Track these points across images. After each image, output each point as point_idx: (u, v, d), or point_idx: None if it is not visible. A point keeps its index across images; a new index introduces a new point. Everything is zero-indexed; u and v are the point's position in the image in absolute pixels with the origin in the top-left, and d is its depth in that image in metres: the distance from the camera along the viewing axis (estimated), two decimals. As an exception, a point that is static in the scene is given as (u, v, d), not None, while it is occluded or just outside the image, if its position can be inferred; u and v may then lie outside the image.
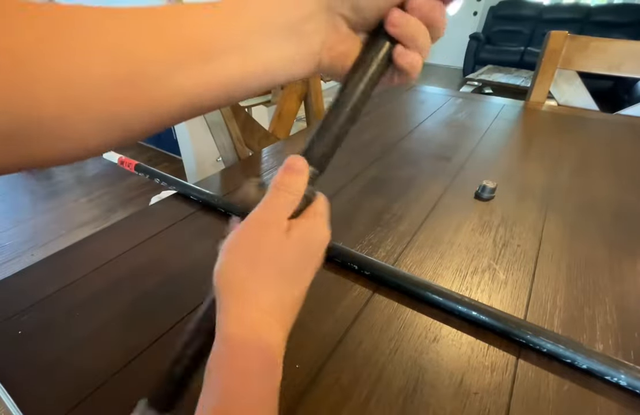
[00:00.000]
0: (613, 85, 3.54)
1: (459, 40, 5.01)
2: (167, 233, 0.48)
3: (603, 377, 0.30)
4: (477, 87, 3.26)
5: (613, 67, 0.97)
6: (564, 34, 0.98)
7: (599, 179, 0.63)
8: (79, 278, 0.40)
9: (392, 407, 0.28)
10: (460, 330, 0.35)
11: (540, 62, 1.02)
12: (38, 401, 0.28)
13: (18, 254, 1.59)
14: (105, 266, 0.42)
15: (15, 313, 0.36)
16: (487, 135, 0.81)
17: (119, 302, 0.37)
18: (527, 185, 0.61)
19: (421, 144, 0.77)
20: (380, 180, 0.62)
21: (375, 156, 0.70)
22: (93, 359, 0.32)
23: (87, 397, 0.28)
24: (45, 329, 0.34)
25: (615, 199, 0.57)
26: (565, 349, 0.31)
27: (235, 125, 0.78)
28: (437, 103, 1.03)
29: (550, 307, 0.37)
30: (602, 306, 0.37)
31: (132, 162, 0.70)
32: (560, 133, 0.84)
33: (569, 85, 1.04)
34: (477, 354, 0.32)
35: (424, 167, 0.67)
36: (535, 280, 0.41)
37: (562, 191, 0.59)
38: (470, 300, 0.36)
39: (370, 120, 0.89)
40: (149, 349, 0.32)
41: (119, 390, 0.29)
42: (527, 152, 0.74)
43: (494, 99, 1.09)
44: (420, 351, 0.33)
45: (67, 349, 0.32)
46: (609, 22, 3.91)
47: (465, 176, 0.63)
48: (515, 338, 0.33)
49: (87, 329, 0.34)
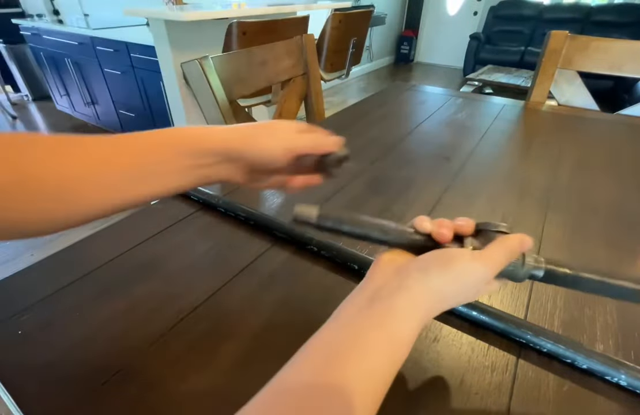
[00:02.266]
0: (613, 85, 3.54)
1: (459, 40, 5.01)
2: (167, 233, 0.48)
3: (603, 377, 0.30)
4: (478, 87, 3.26)
5: (614, 67, 0.97)
6: (565, 34, 0.98)
7: (599, 179, 0.63)
8: (79, 278, 0.40)
9: (392, 408, 0.28)
10: (461, 330, 0.35)
11: (540, 62, 1.02)
12: (38, 401, 0.28)
13: (18, 254, 1.59)
14: (105, 266, 0.42)
15: (15, 313, 0.36)
16: (487, 135, 0.81)
17: (119, 302, 0.37)
18: (527, 185, 0.60)
19: (421, 144, 0.77)
20: (380, 180, 0.62)
21: (375, 156, 0.70)
22: (93, 359, 0.32)
23: (87, 397, 0.28)
24: (45, 329, 0.34)
25: (616, 199, 0.57)
26: (566, 349, 0.31)
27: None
28: (437, 103, 1.03)
29: (551, 307, 0.37)
30: (602, 306, 0.37)
31: (132, 162, 0.70)
32: (561, 133, 0.84)
33: (570, 85, 1.04)
34: (477, 354, 0.32)
35: (424, 167, 0.67)
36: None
37: (562, 191, 0.59)
38: (470, 300, 0.36)
39: (371, 120, 0.89)
40: (149, 349, 0.32)
41: (119, 390, 0.29)
42: (527, 152, 0.74)
43: (494, 99, 1.09)
44: (420, 351, 0.33)
45: (67, 349, 0.32)
46: (609, 22, 3.90)
47: (465, 176, 0.63)
48: (515, 338, 0.33)
49: (87, 329, 0.34)
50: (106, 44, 2.25)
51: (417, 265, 0.24)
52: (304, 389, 0.19)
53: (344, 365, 0.19)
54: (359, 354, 0.20)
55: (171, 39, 1.74)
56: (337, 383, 0.19)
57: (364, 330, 0.21)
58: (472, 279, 0.24)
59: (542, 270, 0.26)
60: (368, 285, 0.24)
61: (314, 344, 0.21)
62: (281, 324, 0.35)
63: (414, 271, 0.24)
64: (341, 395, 0.18)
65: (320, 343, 0.21)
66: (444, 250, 0.25)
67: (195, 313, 0.36)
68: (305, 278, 0.41)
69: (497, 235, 0.26)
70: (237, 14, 1.71)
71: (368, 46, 4.76)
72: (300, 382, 0.19)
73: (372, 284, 0.24)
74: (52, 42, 2.72)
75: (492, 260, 0.25)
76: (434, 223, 0.27)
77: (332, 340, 0.21)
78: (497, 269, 0.25)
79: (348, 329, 0.21)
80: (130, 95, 2.37)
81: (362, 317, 0.22)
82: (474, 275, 0.24)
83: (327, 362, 0.20)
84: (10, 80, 3.62)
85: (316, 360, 0.20)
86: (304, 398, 0.18)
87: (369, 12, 2.16)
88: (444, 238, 0.26)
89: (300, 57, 0.98)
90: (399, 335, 0.21)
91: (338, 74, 2.21)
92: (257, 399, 0.18)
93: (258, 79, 0.86)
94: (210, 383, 0.30)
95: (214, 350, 0.32)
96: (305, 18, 1.84)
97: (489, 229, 0.27)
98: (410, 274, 0.24)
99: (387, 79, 4.69)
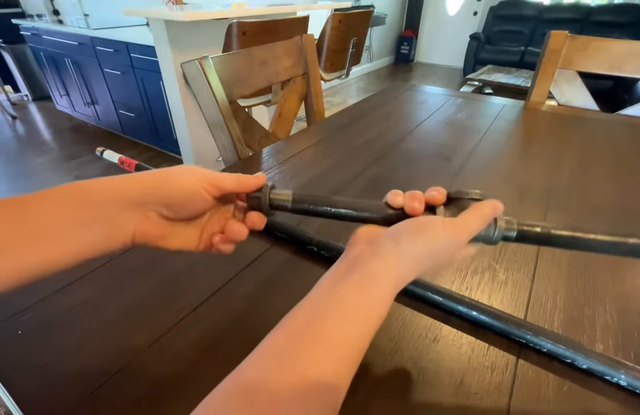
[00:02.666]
0: (613, 85, 3.53)
1: (459, 40, 5.01)
2: (167, 233, 0.48)
3: (603, 377, 0.30)
4: (477, 87, 3.26)
5: (613, 67, 0.97)
6: (565, 34, 0.98)
7: (599, 179, 0.63)
8: (79, 278, 0.40)
9: (392, 408, 0.28)
10: (460, 330, 0.35)
11: (540, 62, 1.02)
12: (38, 401, 0.28)
13: (18, 254, 1.59)
14: (105, 266, 0.42)
15: (15, 313, 0.36)
16: (487, 135, 0.81)
17: (119, 302, 0.37)
18: (527, 185, 0.61)
19: (421, 144, 0.77)
20: (380, 180, 0.62)
21: (375, 156, 0.70)
22: (93, 359, 0.32)
23: (87, 397, 0.28)
24: (45, 329, 0.34)
25: (616, 199, 0.57)
26: (565, 349, 0.31)
27: (236, 125, 0.78)
28: (437, 103, 1.03)
29: (551, 307, 0.37)
30: (602, 306, 0.37)
31: (133, 162, 0.70)
32: (561, 133, 0.84)
33: (570, 85, 1.04)
34: (477, 354, 0.32)
35: (424, 167, 0.67)
36: (535, 280, 0.40)
37: (562, 191, 0.59)
38: (470, 300, 0.36)
39: (370, 120, 0.89)
40: (149, 349, 0.32)
41: (119, 391, 0.29)
42: (527, 152, 0.74)
43: (494, 99, 1.09)
44: (420, 351, 0.33)
45: (67, 349, 0.32)
46: (609, 22, 3.90)
47: (465, 176, 0.63)
48: (515, 338, 0.33)
49: (87, 329, 0.34)
50: (106, 44, 2.25)
51: (388, 233, 0.26)
52: (283, 348, 0.20)
53: (324, 326, 0.21)
54: (337, 317, 0.21)
55: (171, 39, 1.74)
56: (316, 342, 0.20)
57: (343, 297, 0.22)
58: (444, 244, 0.26)
59: (514, 231, 0.27)
60: (346, 257, 0.26)
61: (296, 311, 0.22)
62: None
63: (385, 239, 0.25)
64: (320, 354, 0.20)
65: (301, 310, 0.22)
66: (417, 218, 0.26)
67: (195, 313, 0.36)
68: (305, 278, 0.41)
69: (470, 203, 0.27)
70: (237, 14, 1.71)
71: (368, 46, 4.76)
72: (281, 341, 0.21)
73: (349, 255, 0.25)
74: (52, 42, 2.72)
75: (464, 228, 0.26)
76: (405, 196, 0.28)
77: (313, 306, 0.23)
78: (470, 235, 0.26)
79: (327, 296, 0.23)
80: (130, 95, 2.37)
81: (340, 285, 0.23)
82: (446, 241, 0.26)
83: (307, 324, 0.21)
84: (10, 80, 3.63)
85: (297, 321, 0.22)
86: (283, 355, 0.20)
87: (369, 12, 2.16)
88: (415, 212, 0.27)
89: (300, 57, 0.98)
90: (375, 300, 0.23)
91: (338, 74, 2.21)
92: (243, 363, 0.20)
93: (258, 79, 0.86)
94: (210, 383, 0.30)
95: (214, 351, 0.32)
96: (305, 18, 1.84)
97: (462, 197, 0.28)
98: (382, 242, 0.25)
99: (387, 79, 4.69)
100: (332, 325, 0.21)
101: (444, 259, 0.27)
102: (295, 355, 0.20)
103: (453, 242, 0.26)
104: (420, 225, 0.26)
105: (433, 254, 0.26)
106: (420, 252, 0.25)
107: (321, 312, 0.22)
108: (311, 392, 0.19)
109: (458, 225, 0.26)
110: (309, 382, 0.19)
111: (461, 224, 0.26)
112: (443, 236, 0.25)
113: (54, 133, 2.91)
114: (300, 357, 0.20)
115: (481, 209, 0.27)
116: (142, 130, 2.52)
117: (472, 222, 0.26)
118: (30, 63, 3.47)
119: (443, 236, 0.25)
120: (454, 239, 0.26)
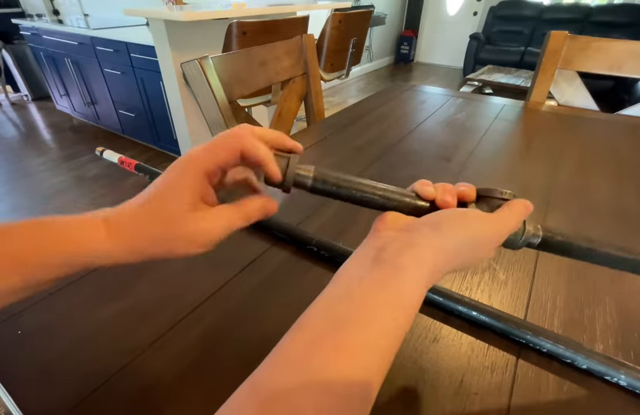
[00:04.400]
0: (613, 85, 3.53)
1: (459, 40, 5.02)
2: (167, 233, 0.48)
3: (603, 377, 0.30)
4: (477, 87, 3.26)
5: (613, 67, 0.97)
6: (564, 34, 0.98)
7: (599, 179, 0.63)
8: (79, 278, 0.40)
9: (391, 408, 0.28)
10: (460, 330, 0.35)
11: (540, 62, 1.02)
12: (38, 401, 0.28)
13: (18, 254, 1.58)
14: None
15: (15, 313, 0.36)
16: (487, 135, 0.81)
17: (118, 302, 0.37)
18: (527, 185, 0.61)
19: (421, 144, 0.77)
20: (381, 180, 0.62)
21: (375, 156, 0.70)
22: (93, 359, 0.32)
23: (87, 397, 0.28)
24: (45, 329, 0.34)
25: (616, 199, 0.57)
26: (565, 349, 0.31)
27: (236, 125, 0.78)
28: (437, 103, 1.03)
29: (550, 307, 0.37)
30: (602, 306, 0.37)
31: (132, 162, 0.70)
32: (561, 133, 0.84)
33: (569, 85, 1.04)
34: (477, 354, 0.32)
35: (424, 167, 0.67)
36: (535, 280, 0.41)
37: (562, 191, 0.59)
38: (470, 300, 0.36)
39: (370, 120, 0.89)
40: (149, 349, 0.32)
41: (119, 390, 0.29)
42: (527, 152, 0.74)
43: (494, 99, 1.09)
44: (420, 351, 0.33)
45: (67, 349, 0.32)
46: (609, 22, 3.90)
47: (465, 176, 0.63)
48: (515, 338, 0.33)
49: (86, 329, 0.34)
50: (106, 44, 2.25)
51: (427, 221, 0.24)
52: (302, 355, 0.17)
53: (346, 333, 0.18)
54: (362, 324, 0.18)
55: (171, 39, 1.74)
56: (338, 352, 0.17)
57: (368, 295, 0.19)
58: (487, 238, 0.24)
59: (539, 238, 0.27)
60: (371, 244, 0.23)
61: (312, 314, 0.20)
62: (281, 323, 0.35)
63: (424, 227, 0.23)
64: (343, 372, 0.17)
65: (319, 313, 0.19)
66: (456, 209, 0.25)
67: (195, 313, 0.36)
68: (305, 278, 0.41)
69: (501, 202, 0.26)
70: (237, 14, 1.71)
71: (368, 46, 4.76)
72: (300, 346, 0.18)
73: (376, 242, 0.23)
74: (52, 42, 2.71)
75: (505, 224, 0.25)
76: (437, 188, 0.26)
77: (335, 303, 0.20)
78: (509, 233, 0.25)
79: (351, 292, 0.20)
80: (130, 95, 2.37)
81: (365, 279, 0.20)
82: (489, 234, 0.24)
83: (329, 327, 0.18)
84: (10, 80, 3.63)
85: (319, 324, 0.19)
86: (302, 362, 0.17)
87: (369, 12, 2.16)
88: (449, 205, 0.25)
89: (300, 57, 0.98)
90: (405, 299, 0.20)
91: (338, 74, 2.21)
92: (260, 369, 0.18)
93: (258, 79, 0.86)
94: (210, 383, 0.30)
95: (214, 351, 0.32)
96: (305, 18, 1.84)
97: (493, 196, 0.26)
98: (421, 230, 0.23)
99: (387, 79, 4.69)
100: (355, 331, 0.18)
101: (482, 253, 0.25)
102: (319, 366, 0.17)
103: (494, 236, 0.24)
104: (462, 215, 0.24)
105: (474, 246, 0.24)
106: (463, 243, 0.23)
107: (344, 313, 0.19)
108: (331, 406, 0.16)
109: (500, 221, 0.25)
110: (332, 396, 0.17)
111: (502, 220, 0.25)
112: (486, 229, 0.24)
113: (54, 133, 2.91)
114: (323, 368, 0.17)
115: (515, 209, 0.25)
116: (142, 130, 2.52)
117: (511, 220, 0.25)
118: (30, 63, 3.47)
119: (486, 229, 0.24)
120: (497, 233, 0.24)
